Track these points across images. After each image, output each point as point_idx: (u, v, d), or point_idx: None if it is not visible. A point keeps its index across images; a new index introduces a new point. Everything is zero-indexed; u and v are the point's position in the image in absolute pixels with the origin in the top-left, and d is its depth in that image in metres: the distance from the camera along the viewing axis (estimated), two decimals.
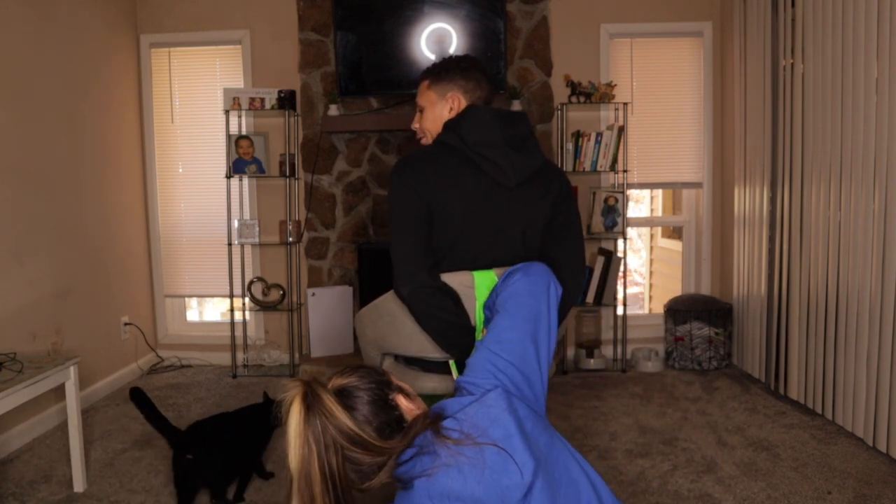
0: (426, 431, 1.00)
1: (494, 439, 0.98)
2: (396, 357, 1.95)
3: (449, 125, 1.75)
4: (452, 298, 1.66)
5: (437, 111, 1.81)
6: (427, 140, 1.85)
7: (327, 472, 0.96)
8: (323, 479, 0.95)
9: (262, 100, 3.81)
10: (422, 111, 1.85)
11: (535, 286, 1.31)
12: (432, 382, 1.83)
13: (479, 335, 1.68)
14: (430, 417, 1.04)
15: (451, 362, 1.78)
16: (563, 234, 1.75)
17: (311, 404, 0.97)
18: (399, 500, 1.02)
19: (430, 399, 2.40)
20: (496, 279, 1.69)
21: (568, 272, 1.69)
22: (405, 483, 1.00)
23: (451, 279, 1.67)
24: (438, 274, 1.66)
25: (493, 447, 0.97)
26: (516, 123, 1.74)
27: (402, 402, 1.08)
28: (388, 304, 1.78)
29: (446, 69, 1.80)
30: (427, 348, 1.75)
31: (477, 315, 1.70)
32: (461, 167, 1.68)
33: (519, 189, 1.70)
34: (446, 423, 1.02)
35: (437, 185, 1.66)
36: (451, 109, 1.79)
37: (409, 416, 1.06)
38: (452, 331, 1.65)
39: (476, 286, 1.68)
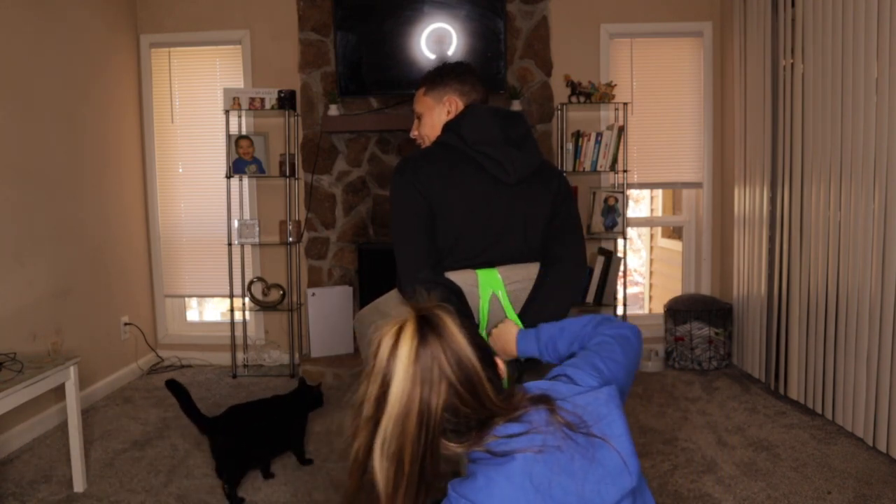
0: (539, 409, 0.93)
1: (607, 435, 0.92)
2: None
3: (449, 126, 1.77)
4: (457, 296, 1.66)
5: (435, 116, 1.83)
6: (426, 145, 1.87)
7: (426, 415, 0.89)
8: (419, 424, 0.89)
9: (262, 100, 3.81)
10: (419, 118, 1.87)
11: (628, 349, 1.20)
12: None
13: (482, 333, 1.68)
14: (535, 396, 0.97)
15: None
16: (564, 231, 1.77)
17: (427, 332, 0.92)
18: (487, 467, 0.92)
19: None
20: (499, 278, 1.70)
21: (569, 267, 1.73)
22: (501, 454, 0.91)
23: (455, 278, 1.68)
24: (442, 272, 1.67)
25: (605, 442, 0.92)
26: (515, 122, 1.76)
27: (499, 363, 1.04)
28: (391, 303, 1.79)
29: (441, 74, 1.83)
30: None
31: (481, 313, 1.71)
32: (462, 166, 1.70)
33: (519, 187, 1.72)
34: (560, 404, 0.95)
35: (438, 185, 1.67)
36: (448, 112, 1.82)
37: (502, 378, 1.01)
38: None
39: (480, 284, 1.70)
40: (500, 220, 1.71)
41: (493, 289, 1.71)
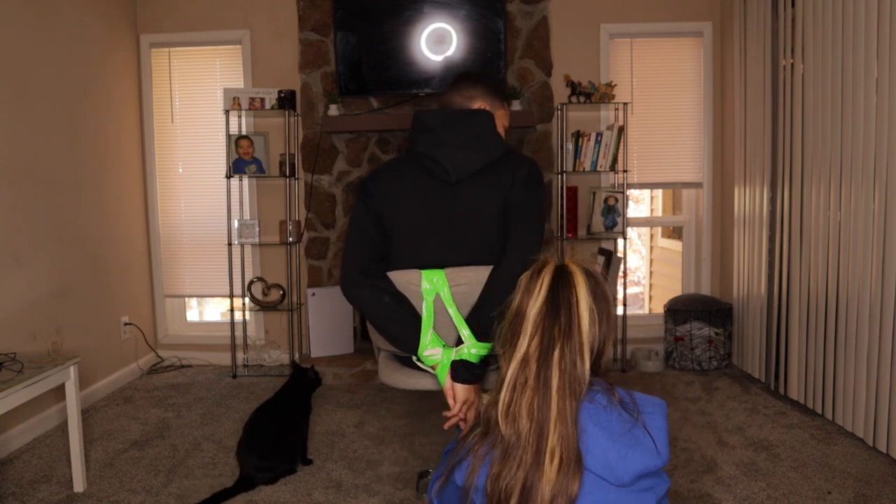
0: (601, 381, 1.08)
1: (647, 425, 1.04)
2: (390, 352, 2.03)
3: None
4: (391, 295, 1.74)
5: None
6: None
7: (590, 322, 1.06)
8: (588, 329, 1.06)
9: (262, 100, 3.81)
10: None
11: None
12: (403, 377, 1.91)
13: (425, 332, 1.72)
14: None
15: (415, 358, 1.80)
16: (514, 226, 1.75)
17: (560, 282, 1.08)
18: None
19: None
20: (445, 278, 1.74)
21: (507, 262, 1.71)
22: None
23: (399, 277, 1.77)
24: (378, 272, 1.78)
25: (644, 428, 1.03)
26: (465, 122, 1.80)
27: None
28: None
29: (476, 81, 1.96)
30: (390, 344, 1.87)
31: (426, 312, 1.74)
32: (411, 172, 1.80)
33: (462, 186, 1.76)
34: (618, 389, 1.09)
35: (388, 194, 1.80)
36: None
37: None
38: (393, 327, 1.75)
39: (422, 284, 1.75)
40: (444, 221, 1.77)
41: (437, 289, 1.74)
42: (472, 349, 1.69)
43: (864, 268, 2.64)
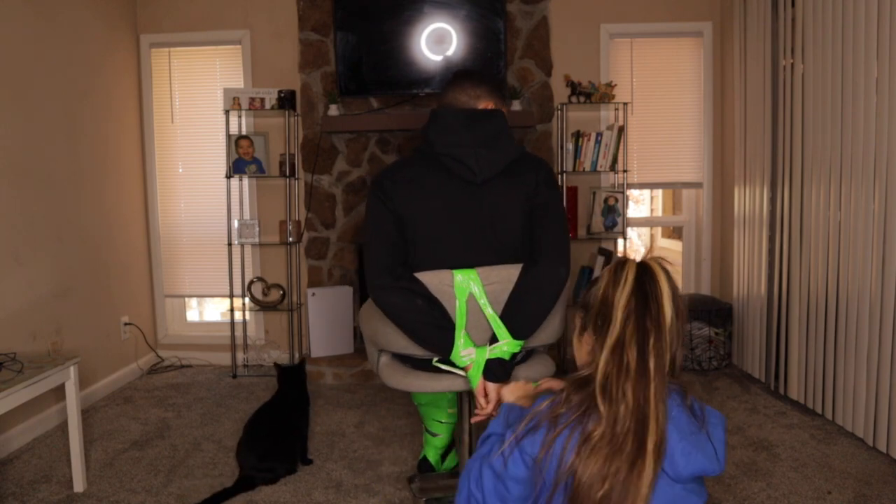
0: (677, 387, 1.11)
1: (711, 434, 1.08)
2: (393, 354, 1.96)
3: (421, 132, 1.83)
4: (423, 297, 1.71)
5: None
6: None
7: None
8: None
9: (262, 100, 3.81)
10: None
11: None
12: (419, 380, 1.85)
13: (458, 333, 1.69)
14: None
15: (435, 361, 1.79)
16: (542, 227, 1.78)
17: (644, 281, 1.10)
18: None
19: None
20: (477, 278, 1.73)
21: (545, 261, 1.73)
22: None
23: (431, 278, 1.72)
24: (405, 274, 1.73)
25: (707, 437, 1.07)
26: (484, 121, 1.79)
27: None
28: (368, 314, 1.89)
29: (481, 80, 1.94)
30: (412, 347, 1.81)
31: (458, 313, 1.72)
32: (431, 171, 1.76)
33: (488, 186, 1.75)
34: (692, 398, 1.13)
35: (407, 193, 1.74)
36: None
37: None
38: (425, 329, 1.71)
39: (455, 284, 1.72)
40: (471, 221, 1.75)
41: (470, 289, 1.72)
42: (506, 347, 1.70)
43: (864, 268, 2.64)
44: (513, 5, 3.82)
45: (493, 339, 1.73)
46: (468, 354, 1.69)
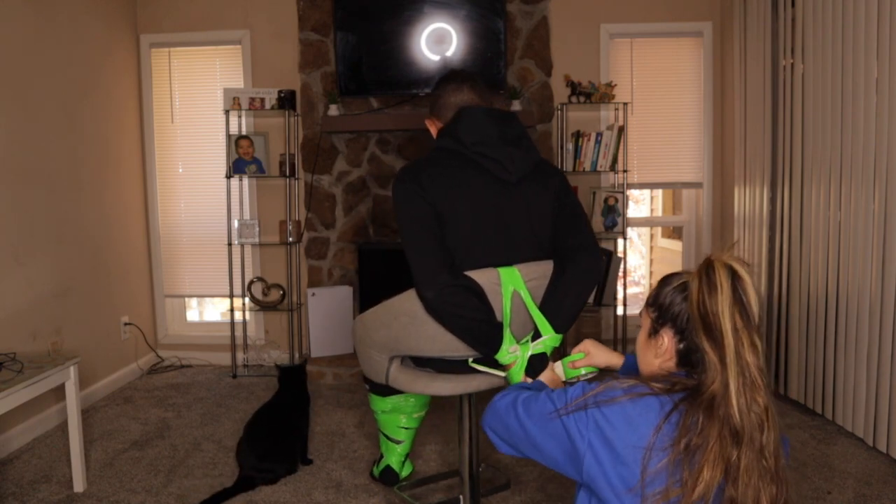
0: None
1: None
2: (403, 359, 1.94)
3: (444, 130, 1.80)
4: (477, 296, 1.68)
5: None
6: None
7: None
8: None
9: (262, 100, 3.81)
10: None
11: None
12: (449, 383, 1.82)
13: (506, 331, 1.69)
14: None
15: (471, 361, 1.78)
16: (575, 224, 1.81)
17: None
18: None
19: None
20: (519, 275, 1.72)
21: (586, 255, 1.77)
22: None
23: (478, 277, 1.70)
24: (459, 273, 1.68)
25: None
26: (509, 121, 1.79)
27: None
28: (406, 306, 1.77)
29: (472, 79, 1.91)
30: (451, 347, 1.76)
31: (504, 310, 1.72)
32: (462, 168, 1.72)
33: (521, 184, 1.75)
34: None
35: (442, 189, 1.69)
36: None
37: None
38: (480, 327, 1.68)
39: (502, 282, 1.71)
40: (508, 218, 1.74)
41: (515, 286, 1.72)
42: (549, 341, 1.71)
43: (864, 268, 2.64)
44: (513, 5, 3.82)
45: (535, 335, 1.73)
46: (514, 351, 1.69)
